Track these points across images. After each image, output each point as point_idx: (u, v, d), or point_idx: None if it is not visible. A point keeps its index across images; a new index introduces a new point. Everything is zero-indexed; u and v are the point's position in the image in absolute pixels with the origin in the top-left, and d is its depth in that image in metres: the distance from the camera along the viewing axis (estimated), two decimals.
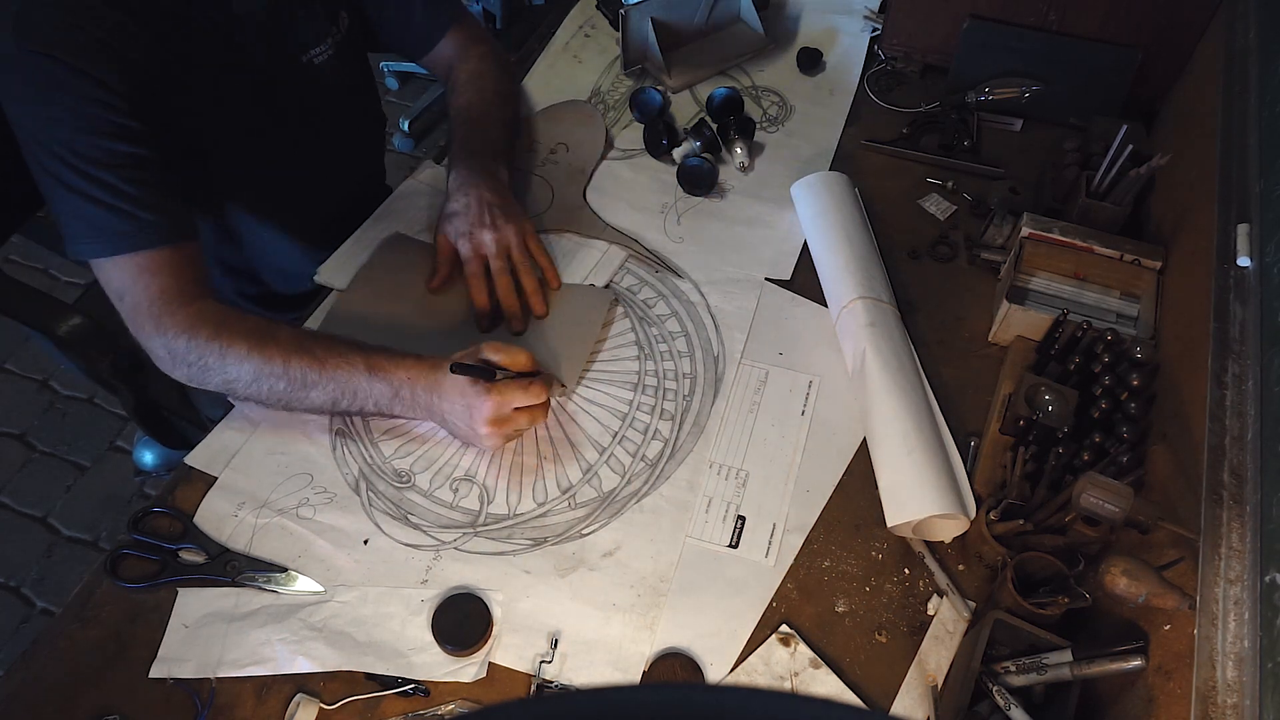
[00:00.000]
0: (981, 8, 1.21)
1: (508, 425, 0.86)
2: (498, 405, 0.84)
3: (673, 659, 0.80)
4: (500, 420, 0.85)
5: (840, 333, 1.00)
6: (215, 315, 0.87)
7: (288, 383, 0.86)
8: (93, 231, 0.84)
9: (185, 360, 0.87)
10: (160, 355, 0.88)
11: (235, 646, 0.80)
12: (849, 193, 1.11)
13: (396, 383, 0.87)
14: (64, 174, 0.82)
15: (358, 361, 0.87)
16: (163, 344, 0.86)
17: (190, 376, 0.88)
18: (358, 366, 0.87)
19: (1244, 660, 0.61)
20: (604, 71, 1.35)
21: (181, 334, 0.86)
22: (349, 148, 1.13)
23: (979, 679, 0.73)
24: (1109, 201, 1.04)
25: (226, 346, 0.86)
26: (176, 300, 0.86)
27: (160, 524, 0.88)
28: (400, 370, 0.87)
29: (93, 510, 1.90)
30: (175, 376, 0.89)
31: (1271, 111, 0.85)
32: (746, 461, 0.93)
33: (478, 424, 0.85)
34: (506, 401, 0.85)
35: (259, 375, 0.86)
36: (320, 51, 1.01)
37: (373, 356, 0.88)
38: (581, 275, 1.08)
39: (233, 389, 0.88)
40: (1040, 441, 0.87)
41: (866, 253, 1.04)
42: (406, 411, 0.89)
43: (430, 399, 0.87)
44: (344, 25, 1.04)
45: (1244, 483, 0.68)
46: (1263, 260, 0.77)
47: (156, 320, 0.86)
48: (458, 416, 0.87)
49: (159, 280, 0.86)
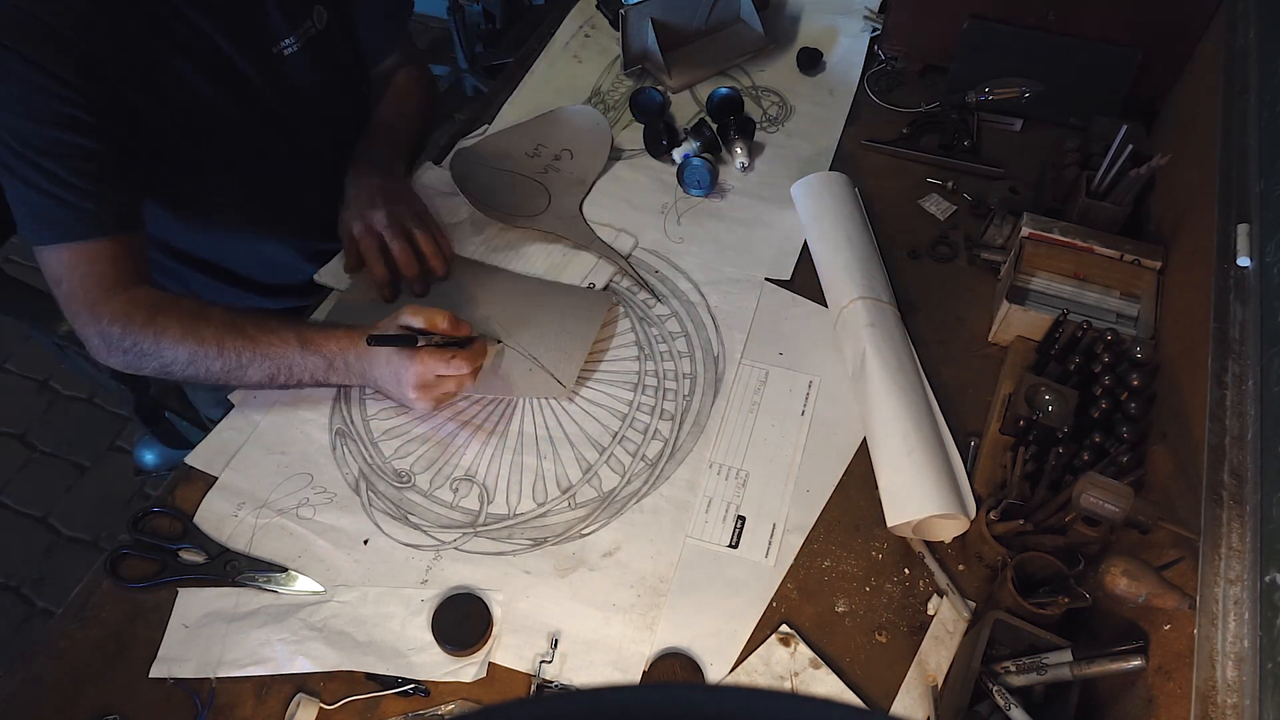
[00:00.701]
0: (981, 8, 1.21)
1: (435, 390, 0.89)
2: (420, 373, 0.87)
3: (673, 659, 0.80)
4: (426, 386, 0.88)
5: (840, 333, 1.00)
6: (148, 301, 0.90)
7: (223, 363, 0.89)
8: (34, 218, 0.86)
9: (120, 347, 0.89)
10: (95, 344, 0.90)
11: (235, 646, 0.80)
12: (849, 193, 1.11)
13: (329, 354, 0.90)
14: (9, 160, 0.83)
15: (290, 337, 0.90)
16: (97, 331, 0.89)
17: (126, 363, 0.90)
18: (290, 342, 0.90)
19: (1244, 660, 0.61)
20: (604, 71, 1.35)
21: (116, 321, 0.88)
22: (335, 147, 1.13)
23: (979, 679, 0.73)
24: (1109, 201, 1.04)
25: (160, 331, 0.88)
26: (112, 288, 0.88)
27: (160, 524, 0.88)
28: (331, 342, 0.90)
29: (93, 510, 1.90)
30: (111, 364, 0.91)
31: (1271, 111, 0.85)
32: (746, 461, 0.93)
33: (406, 389, 0.88)
34: (429, 370, 0.87)
35: (194, 358, 0.89)
36: (290, 44, 1.01)
37: (304, 331, 0.91)
38: (579, 278, 1.08)
39: (170, 372, 0.90)
40: (1040, 441, 0.87)
41: (867, 253, 1.04)
42: (342, 380, 0.92)
43: (362, 366, 0.90)
44: (321, 21, 1.04)
45: (1244, 483, 0.68)
46: (1263, 260, 0.77)
47: (91, 308, 0.88)
48: (388, 382, 0.90)
49: (95, 269, 0.88)
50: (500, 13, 2.66)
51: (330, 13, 1.06)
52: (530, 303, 1.03)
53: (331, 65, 1.08)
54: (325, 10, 1.05)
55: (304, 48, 1.02)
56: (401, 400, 0.92)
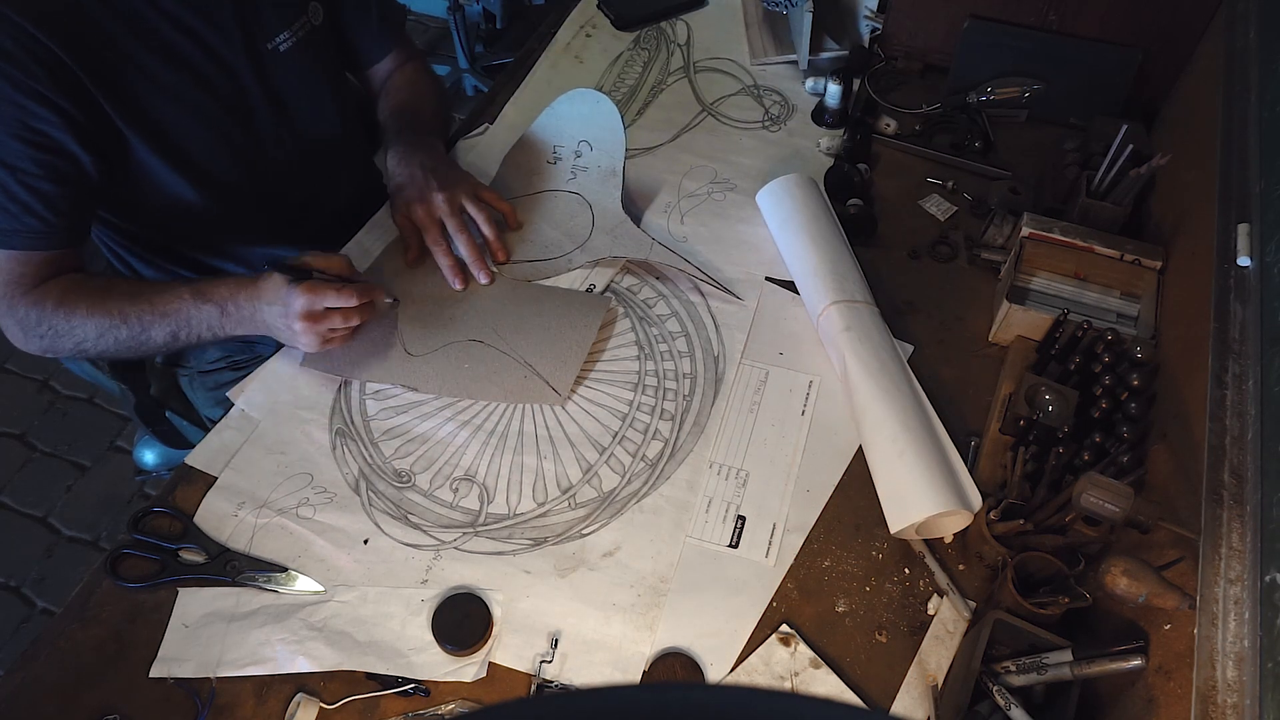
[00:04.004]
0: (981, 8, 1.21)
1: (322, 323, 0.90)
2: (309, 301, 0.89)
3: (673, 659, 0.80)
4: (312, 316, 0.89)
5: (823, 339, 1.00)
6: (60, 285, 0.94)
7: (128, 329, 0.92)
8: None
9: (37, 332, 0.93)
10: (14, 332, 0.94)
11: (235, 646, 0.80)
12: (813, 193, 1.09)
13: (220, 300, 0.92)
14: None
15: (184, 292, 0.93)
16: (14, 320, 0.93)
17: (44, 348, 0.95)
18: (184, 296, 0.92)
19: (1244, 660, 0.61)
20: (605, 71, 1.35)
21: (32, 307, 0.92)
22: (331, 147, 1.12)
23: (979, 679, 0.73)
24: (1109, 201, 1.04)
25: (70, 310, 0.92)
26: (31, 280, 0.93)
27: (160, 524, 0.88)
28: (222, 288, 0.93)
29: (93, 510, 1.90)
30: (30, 349, 0.96)
31: (1271, 111, 0.85)
32: (746, 461, 0.93)
33: (292, 320, 0.89)
34: (318, 299, 0.89)
35: (102, 330, 0.92)
36: (285, 39, 1.01)
37: (197, 284, 0.94)
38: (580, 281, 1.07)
39: (84, 350, 0.95)
40: (1040, 441, 0.87)
41: (836, 254, 1.02)
42: (236, 328, 0.94)
43: (252, 307, 0.92)
44: (316, 18, 1.04)
45: (1244, 483, 0.68)
46: (1263, 260, 0.77)
47: (10, 300, 0.92)
48: (275, 317, 0.91)
49: (22, 269, 0.92)
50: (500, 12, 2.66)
51: (326, 11, 1.06)
52: (526, 308, 1.03)
53: (323, 62, 1.08)
54: (320, 6, 1.05)
55: (298, 44, 1.02)
56: (287, 337, 0.93)
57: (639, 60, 1.37)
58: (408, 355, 0.99)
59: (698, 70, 1.36)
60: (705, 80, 1.34)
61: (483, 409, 0.96)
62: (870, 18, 1.39)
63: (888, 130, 1.24)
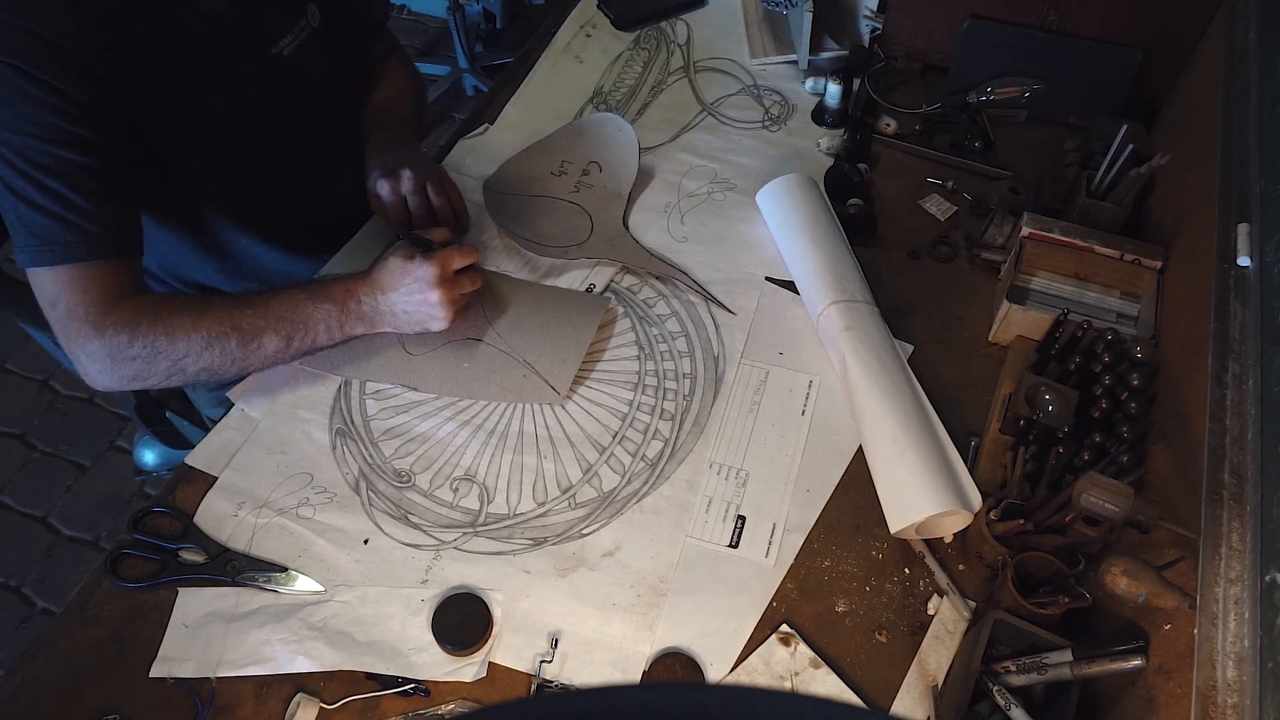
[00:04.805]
0: (981, 8, 1.21)
1: (455, 289, 0.93)
2: (442, 266, 0.91)
3: (673, 659, 0.80)
4: (447, 283, 0.91)
5: (823, 339, 1.00)
6: (150, 304, 0.89)
7: (239, 338, 0.88)
8: (36, 239, 0.84)
9: (128, 355, 0.86)
10: (99, 356, 0.86)
11: (235, 646, 0.80)
12: (812, 193, 1.09)
13: (339, 296, 0.92)
14: (13, 180, 0.82)
15: (297, 294, 0.92)
16: (102, 345, 0.86)
17: (136, 371, 0.87)
18: (298, 298, 0.91)
19: (1244, 660, 0.61)
20: (605, 71, 1.35)
21: (122, 329, 0.86)
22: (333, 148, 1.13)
23: (979, 679, 0.73)
24: (1109, 201, 1.04)
25: (170, 323, 0.87)
26: (112, 301, 0.87)
27: (160, 524, 0.88)
28: (338, 285, 0.93)
29: (93, 510, 1.90)
30: (113, 380, 0.88)
31: (1271, 111, 0.85)
32: (746, 461, 0.93)
33: (429, 292, 0.91)
34: (448, 264, 0.92)
35: (209, 340, 0.88)
36: (289, 42, 1.01)
37: (309, 285, 0.94)
38: (579, 281, 1.08)
39: (183, 366, 0.88)
40: (1040, 441, 0.87)
41: (836, 254, 1.02)
42: (356, 326, 0.94)
43: (375, 299, 0.93)
44: (315, 18, 1.05)
45: (1244, 482, 0.68)
46: (1263, 260, 0.77)
47: (95, 322, 0.86)
48: (407, 295, 0.92)
49: (96, 286, 0.86)
50: (500, 12, 2.66)
51: (323, 11, 1.06)
52: (526, 307, 1.03)
53: (326, 62, 1.08)
54: (317, 8, 1.05)
55: (301, 46, 1.02)
56: (423, 314, 0.93)
57: (639, 60, 1.37)
58: (407, 355, 0.99)
59: (698, 70, 1.36)
60: (705, 80, 1.34)
61: (482, 409, 0.96)
62: (870, 17, 1.39)
63: (888, 130, 1.24)
